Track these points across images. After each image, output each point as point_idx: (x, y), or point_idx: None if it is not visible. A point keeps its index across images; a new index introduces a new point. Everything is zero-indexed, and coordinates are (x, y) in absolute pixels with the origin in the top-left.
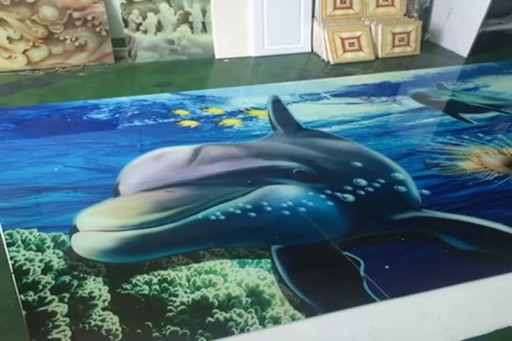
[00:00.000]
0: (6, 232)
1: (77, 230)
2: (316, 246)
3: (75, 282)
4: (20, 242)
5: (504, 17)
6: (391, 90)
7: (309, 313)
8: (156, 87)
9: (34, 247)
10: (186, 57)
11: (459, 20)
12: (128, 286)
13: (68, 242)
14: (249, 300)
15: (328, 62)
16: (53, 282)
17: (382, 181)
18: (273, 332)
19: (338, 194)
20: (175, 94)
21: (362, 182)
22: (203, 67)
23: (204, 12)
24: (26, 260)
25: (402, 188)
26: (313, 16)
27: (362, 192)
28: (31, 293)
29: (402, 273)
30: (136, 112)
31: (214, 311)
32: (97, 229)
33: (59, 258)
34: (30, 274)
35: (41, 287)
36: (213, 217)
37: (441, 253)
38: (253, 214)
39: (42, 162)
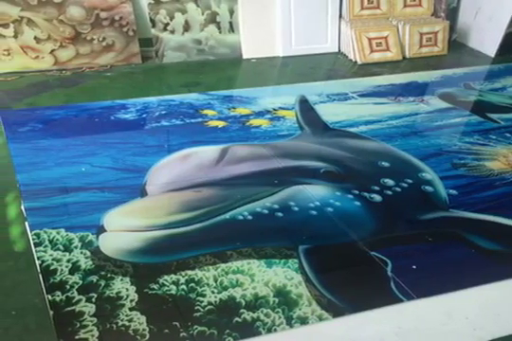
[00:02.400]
0: (33, 232)
1: (104, 230)
2: (343, 246)
3: (102, 282)
4: (47, 242)
5: None
6: (418, 90)
7: (336, 313)
8: (184, 87)
9: (61, 247)
10: (213, 57)
11: (486, 20)
12: (155, 286)
13: (96, 242)
14: (277, 300)
15: (355, 62)
16: (80, 282)
17: (409, 181)
18: (300, 332)
19: (366, 194)
20: (203, 94)
21: (389, 182)
22: (230, 67)
23: (231, 12)
24: (53, 260)
25: (429, 189)
26: (340, 16)
27: (389, 192)
28: (59, 293)
29: (429, 273)
30: (163, 112)
31: (241, 311)
32: (124, 229)
33: (86, 258)
34: (58, 274)
35: (68, 287)
36: (241, 217)
37: (468, 253)
38: (280, 214)
39: (69, 162)
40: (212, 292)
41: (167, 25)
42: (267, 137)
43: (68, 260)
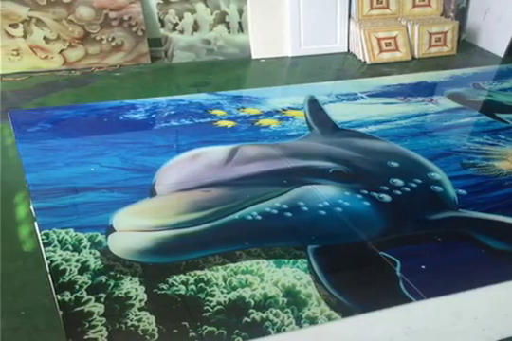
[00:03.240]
0: (42, 232)
1: (113, 230)
2: (352, 246)
3: (111, 282)
4: (56, 242)
5: None
6: (427, 90)
7: (345, 313)
8: (193, 87)
9: (71, 247)
10: (222, 57)
11: (495, 20)
12: (164, 286)
13: (105, 242)
14: (286, 300)
15: (365, 62)
16: (90, 282)
17: (419, 181)
18: (309, 332)
19: (375, 194)
20: (212, 94)
21: (399, 182)
22: (239, 67)
23: (240, 12)
24: (62, 260)
25: (438, 188)
26: (349, 16)
27: (399, 192)
28: (68, 293)
29: (438, 273)
30: (172, 112)
31: (251, 311)
32: (133, 229)
33: (95, 258)
34: (67, 274)
35: (77, 287)
36: (250, 217)
37: (477, 253)
38: (289, 214)
39: (78, 162)
40: (221, 292)
41: (176, 25)
42: (276, 137)
43: (77, 260)
